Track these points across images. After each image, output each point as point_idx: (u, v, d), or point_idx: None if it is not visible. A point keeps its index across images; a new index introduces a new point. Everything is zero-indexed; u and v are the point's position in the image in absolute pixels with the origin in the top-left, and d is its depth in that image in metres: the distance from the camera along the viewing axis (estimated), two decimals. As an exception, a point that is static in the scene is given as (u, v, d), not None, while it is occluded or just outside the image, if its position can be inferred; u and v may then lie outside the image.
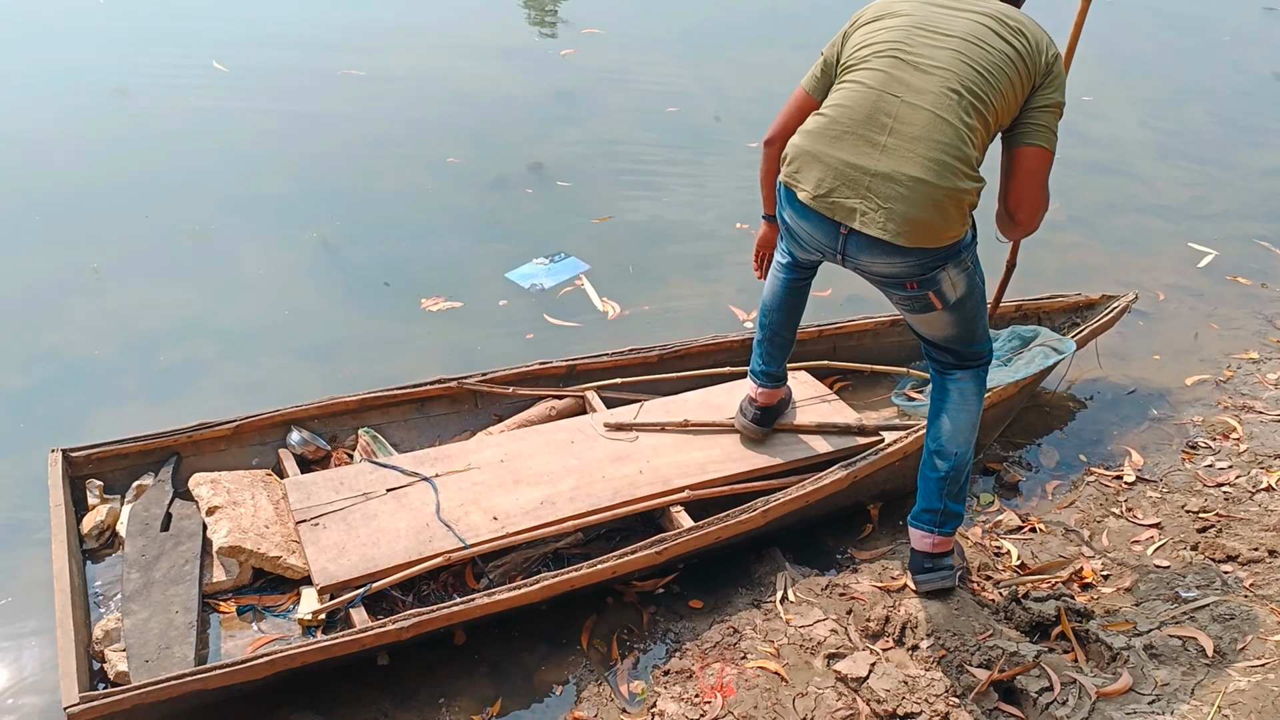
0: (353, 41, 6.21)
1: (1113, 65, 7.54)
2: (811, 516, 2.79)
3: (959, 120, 2.08)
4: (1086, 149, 5.88)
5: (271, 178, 4.55)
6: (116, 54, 5.68)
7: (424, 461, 2.68)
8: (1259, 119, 6.72)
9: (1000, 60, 2.11)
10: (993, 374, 3.08)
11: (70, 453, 2.53)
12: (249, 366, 3.34)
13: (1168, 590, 2.59)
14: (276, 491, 2.59)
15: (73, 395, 3.12)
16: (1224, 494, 2.99)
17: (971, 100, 2.09)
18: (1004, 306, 3.50)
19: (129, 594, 2.25)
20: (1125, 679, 2.24)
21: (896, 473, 2.84)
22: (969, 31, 2.13)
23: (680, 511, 2.62)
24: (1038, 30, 2.17)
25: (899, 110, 2.12)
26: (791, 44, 6.87)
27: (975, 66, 2.10)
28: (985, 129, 2.13)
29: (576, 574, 2.33)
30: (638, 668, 2.35)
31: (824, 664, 2.33)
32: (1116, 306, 3.43)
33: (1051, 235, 4.77)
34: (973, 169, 2.11)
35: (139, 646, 2.12)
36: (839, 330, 3.39)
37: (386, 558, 2.36)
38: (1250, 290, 4.42)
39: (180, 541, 2.40)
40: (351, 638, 2.13)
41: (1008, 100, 2.13)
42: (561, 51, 6.32)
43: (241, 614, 2.33)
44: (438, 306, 3.74)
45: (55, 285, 3.64)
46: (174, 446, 2.65)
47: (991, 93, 2.10)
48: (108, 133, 4.79)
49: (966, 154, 2.08)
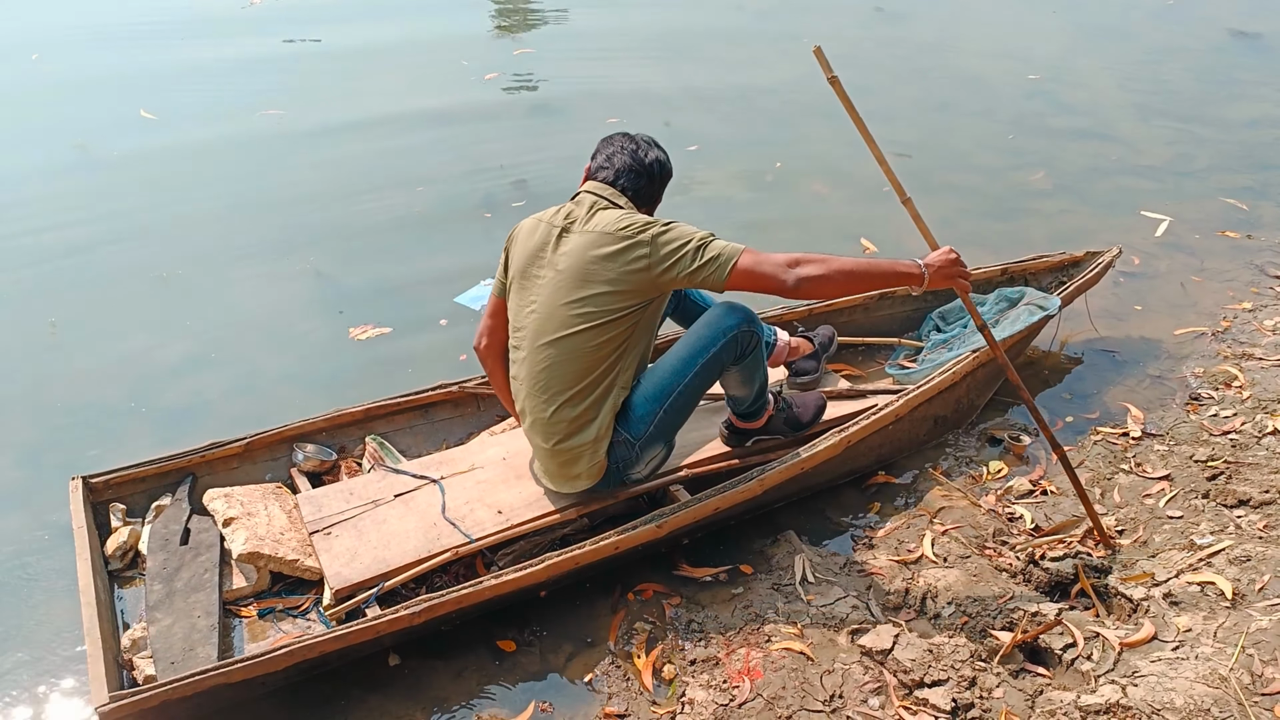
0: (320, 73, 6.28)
1: (1085, 32, 7.59)
2: (811, 485, 2.85)
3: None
4: (1067, 116, 5.92)
5: (258, 213, 4.60)
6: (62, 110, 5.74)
7: (430, 466, 2.74)
8: (1235, 72, 6.76)
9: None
10: (980, 336, 3.14)
11: (90, 479, 2.60)
12: (250, 398, 3.37)
13: (1183, 540, 2.60)
14: (289, 502, 2.67)
15: (83, 441, 3.15)
16: (1230, 441, 3.00)
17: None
18: (989, 271, 3.57)
19: (153, 604, 2.34)
20: (1148, 628, 2.26)
21: (890, 437, 2.88)
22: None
23: (679, 489, 2.68)
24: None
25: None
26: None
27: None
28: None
29: (581, 552, 2.40)
30: (664, 660, 2.37)
31: (848, 640, 2.35)
32: (1101, 262, 3.45)
33: (1039, 203, 4.81)
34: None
35: (164, 650, 2.21)
36: (829, 308, 3.43)
37: (397, 558, 2.43)
38: (1238, 243, 4.45)
39: (200, 553, 2.49)
40: (367, 625, 2.20)
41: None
42: (485, 76, 6.34)
43: (263, 617, 2.41)
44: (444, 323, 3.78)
45: (42, 340, 3.67)
46: (188, 467, 2.72)
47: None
48: (81, 189, 4.82)
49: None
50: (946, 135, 5.60)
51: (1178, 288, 4.07)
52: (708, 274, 2.25)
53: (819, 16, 7.77)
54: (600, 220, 2.34)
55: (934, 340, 3.39)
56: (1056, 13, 7.97)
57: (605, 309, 2.31)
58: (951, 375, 2.95)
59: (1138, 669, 2.14)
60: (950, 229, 4.53)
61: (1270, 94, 6.35)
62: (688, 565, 2.65)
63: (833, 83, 2.39)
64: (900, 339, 3.44)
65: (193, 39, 6.91)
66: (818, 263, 2.24)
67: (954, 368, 2.97)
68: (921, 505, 2.87)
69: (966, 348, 3.10)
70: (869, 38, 7.32)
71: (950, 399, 3.05)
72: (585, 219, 2.36)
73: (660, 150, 2.53)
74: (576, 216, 2.38)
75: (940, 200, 4.78)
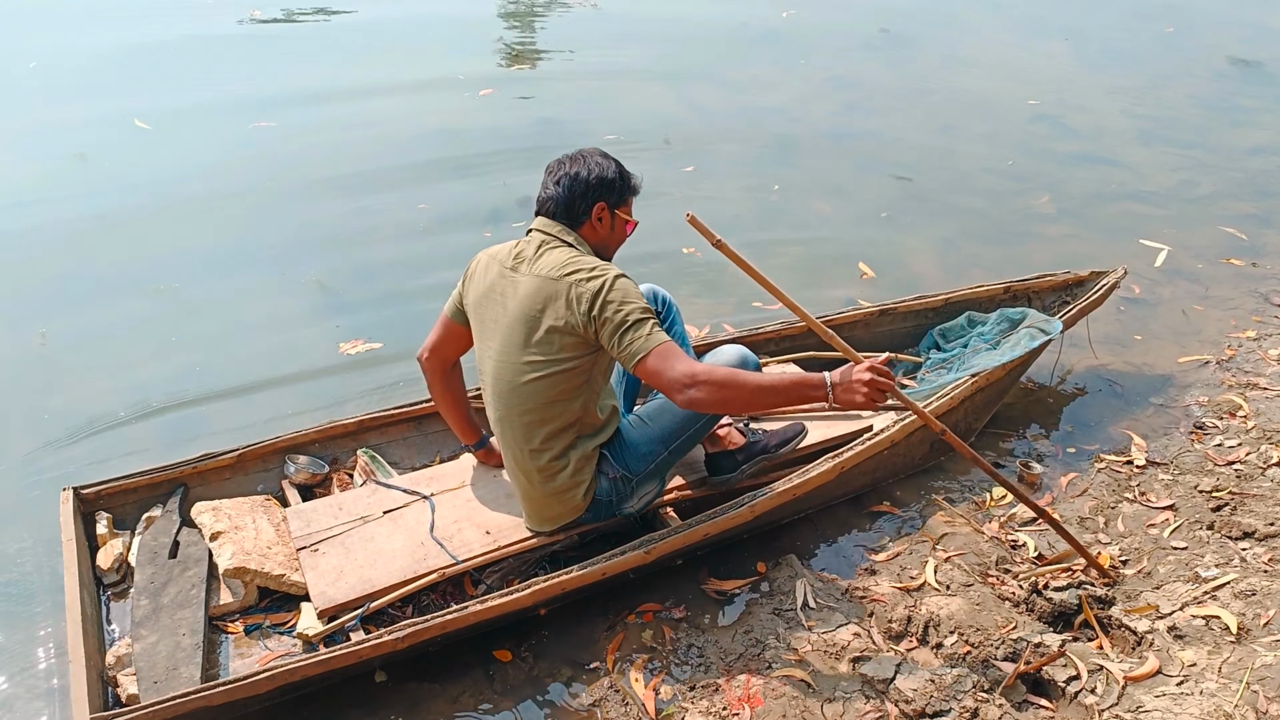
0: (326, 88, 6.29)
1: (1087, 57, 7.63)
2: (805, 508, 2.83)
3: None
4: (1072, 141, 5.93)
5: (266, 227, 4.60)
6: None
7: (420, 482, 2.73)
8: (1237, 99, 6.78)
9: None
10: (980, 358, 3.13)
11: (81, 490, 2.58)
12: (246, 409, 3.35)
13: (1187, 571, 2.58)
14: (277, 515, 2.65)
15: (80, 451, 3.13)
16: (1235, 472, 2.99)
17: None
18: (993, 288, 3.56)
19: (138, 620, 2.32)
20: (1152, 662, 2.24)
21: (884, 462, 2.86)
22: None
23: (669, 511, 2.66)
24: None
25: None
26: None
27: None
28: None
29: (568, 577, 2.37)
30: (663, 685, 2.34)
31: (849, 668, 2.32)
32: (1105, 283, 3.44)
33: (1042, 227, 4.82)
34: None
35: (148, 669, 2.19)
36: (828, 323, 3.41)
37: (383, 578, 2.41)
38: (1243, 270, 4.44)
39: (188, 567, 2.46)
40: (349, 650, 2.18)
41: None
42: (480, 92, 6.34)
43: (249, 633, 2.39)
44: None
45: (40, 353, 3.65)
46: (180, 478, 2.70)
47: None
48: (82, 196, 4.80)
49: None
50: (950, 158, 5.61)
51: (1180, 315, 4.06)
52: (623, 351, 2.21)
53: (823, 37, 7.80)
54: (546, 262, 2.29)
55: (933, 359, 3.39)
56: (1068, 39, 8.00)
57: (555, 357, 2.29)
58: (949, 400, 2.93)
59: (1142, 703, 2.12)
60: (952, 252, 4.54)
61: (1273, 121, 6.38)
62: (715, 579, 2.65)
63: (719, 246, 2.31)
64: (898, 355, 3.43)
65: (188, 51, 6.91)
66: (714, 386, 2.18)
67: (951, 392, 2.96)
68: (924, 531, 2.85)
69: (966, 370, 3.09)
70: (874, 59, 7.35)
71: (947, 423, 3.03)
72: (533, 259, 2.31)
73: (598, 160, 2.39)
74: (525, 256, 2.34)
75: (943, 223, 4.78)
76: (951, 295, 3.54)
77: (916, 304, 3.53)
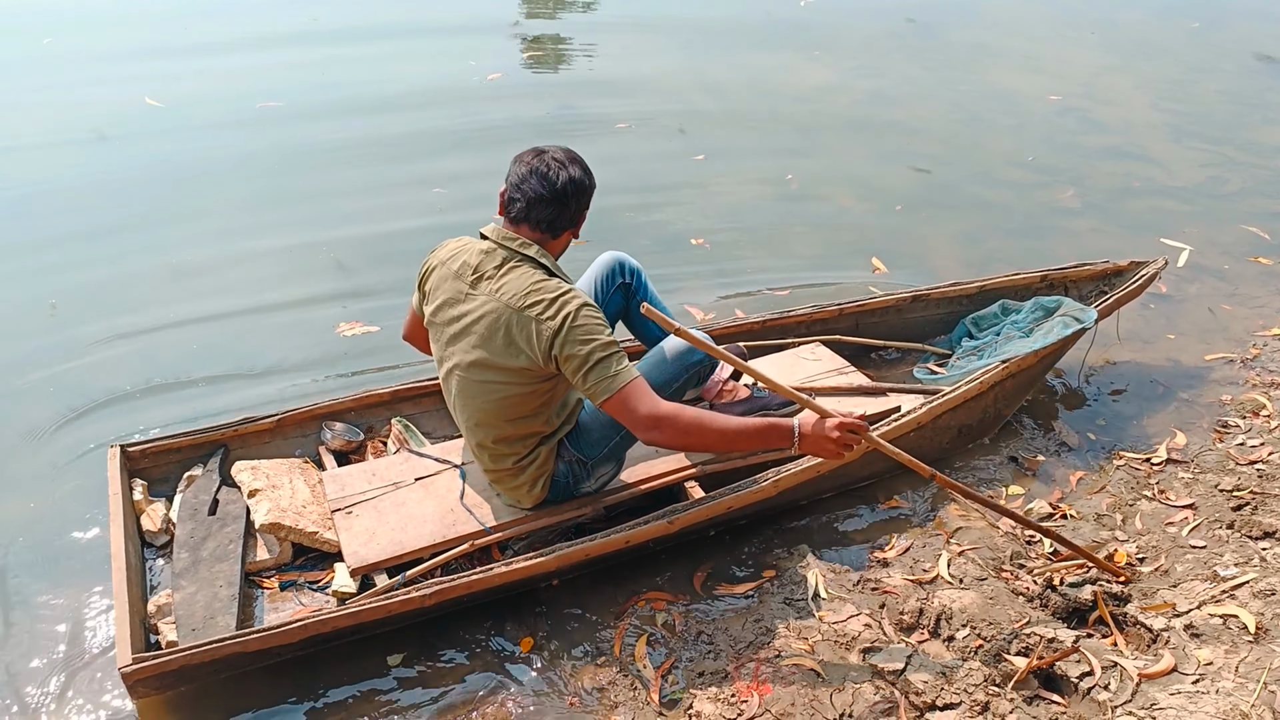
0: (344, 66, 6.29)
1: (1120, 49, 7.52)
2: (827, 488, 2.84)
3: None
4: (1098, 135, 5.85)
5: (274, 206, 4.62)
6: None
7: (452, 451, 2.78)
8: (1267, 95, 6.67)
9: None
10: (1012, 345, 3.11)
11: (127, 447, 2.67)
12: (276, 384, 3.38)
13: (1205, 570, 2.55)
14: (313, 477, 2.73)
15: (114, 423, 3.16)
16: (1257, 471, 2.95)
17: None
18: (1029, 276, 3.52)
19: (178, 571, 2.42)
20: (1167, 660, 2.21)
21: (911, 444, 2.83)
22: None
23: (694, 486, 2.69)
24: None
25: None
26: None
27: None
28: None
29: (591, 544, 2.43)
30: (672, 671, 2.34)
31: (860, 659, 2.31)
32: (1145, 274, 3.38)
33: (1067, 221, 4.76)
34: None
35: (186, 617, 2.30)
36: (861, 308, 3.40)
37: (414, 541, 2.48)
38: (1270, 269, 4.37)
39: (226, 524, 2.55)
40: (379, 604, 2.25)
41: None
42: (489, 76, 6.28)
43: (284, 589, 2.47)
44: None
45: (61, 324, 3.69)
46: (221, 440, 2.79)
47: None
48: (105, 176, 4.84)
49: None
50: (975, 150, 5.54)
51: (1206, 313, 4.01)
52: (588, 389, 2.19)
53: (849, 26, 7.72)
54: (509, 288, 2.22)
55: (965, 346, 3.36)
56: (1094, 33, 7.88)
57: (515, 381, 2.28)
58: (979, 385, 2.91)
59: (1156, 701, 2.10)
60: (975, 245, 4.49)
61: (1305, 118, 6.26)
62: (725, 584, 2.63)
63: (679, 333, 2.28)
64: (927, 345, 3.40)
65: (204, 43, 6.91)
66: (678, 432, 2.19)
67: (982, 377, 2.93)
68: (938, 524, 2.83)
69: (997, 356, 3.07)
70: (900, 49, 7.27)
71: (976, 408, 3.01)
72: (496, 276, 2.25)
73: (574, 166, 2.27)
74: (485, 271, 2.26)
75: (966, 215, 4.73)
76: (986, 283, 3.51)
77: (951, 290, 3.50)
